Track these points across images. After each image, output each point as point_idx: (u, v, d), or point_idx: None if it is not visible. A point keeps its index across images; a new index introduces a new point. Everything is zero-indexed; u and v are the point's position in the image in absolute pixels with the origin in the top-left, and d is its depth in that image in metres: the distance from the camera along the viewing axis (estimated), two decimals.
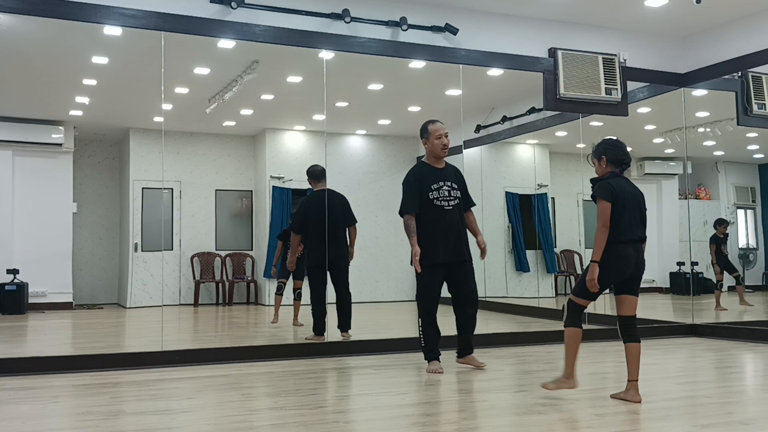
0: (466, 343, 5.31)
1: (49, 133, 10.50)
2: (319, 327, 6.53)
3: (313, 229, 6.61)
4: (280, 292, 7.93)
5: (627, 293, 4.11)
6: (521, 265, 9.78)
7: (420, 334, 5.18)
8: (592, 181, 4.21)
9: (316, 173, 6.84)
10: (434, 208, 5.15)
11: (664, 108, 8.37)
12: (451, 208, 5.20)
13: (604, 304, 4.46)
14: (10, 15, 5.76)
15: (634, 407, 3.87)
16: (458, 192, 5.28)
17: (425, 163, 5.34)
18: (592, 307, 4.25)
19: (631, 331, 4.08)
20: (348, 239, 6.75)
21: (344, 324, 6.63)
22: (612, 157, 4.15)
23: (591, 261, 4.03)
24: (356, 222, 6.82)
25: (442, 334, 5.24)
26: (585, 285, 4.07)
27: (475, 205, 5.48)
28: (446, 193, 5.20)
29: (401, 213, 5.18)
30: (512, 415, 3.81)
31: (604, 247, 3.99)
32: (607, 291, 4.24)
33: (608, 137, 4.28)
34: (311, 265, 6.64)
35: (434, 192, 5.17)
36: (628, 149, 4.25)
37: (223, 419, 3.73)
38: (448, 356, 5.98)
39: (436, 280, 5.14)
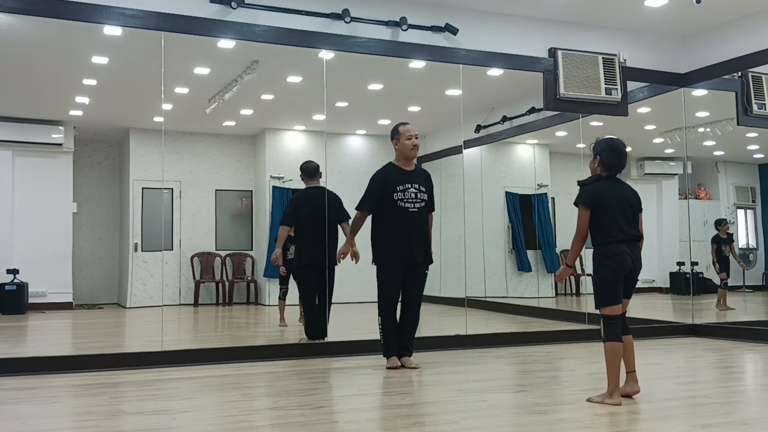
0: (402, 344, 5.33)
1: (49, 133, 10.50)
2: (312, 331, 6.32)
3: (304, 226, 6.39)
4: (283, 297, 7.85)
5: (623, 296, 4.12)
6: (522, 265, 9.78)
7: (380, 333, 5.29)
8: (579, 183, 4.22)
9: (309, 170, 6.59)
10: (398, 209, 5.20)
11: (664, 108, 8.37)
12: (416, 210, 5.25)
13: None
14: (10, 15, 5.76)
15: (634, 407, 3.87)
16: (425, 195, 5.32)
17: (394, 164, 5.41)
18: (592, 308, 4.25)
19: (623, 326, 4.11)
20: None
21: (324, 330, 6.37)
22: (606, 159, 4.15)
23: (565, 264, 4.17)
24: (349, 218, 6.50)
25: (445, 334, 5.31)
26: (601, 291, 4.07)
27: (434, 210, 5.48)
28: (412, 196, 5.25)
29: (357, 208, 5.33)
30: (512, 415, 3.81)
31: (578, 253, 4.11)
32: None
33: (612, 138, 4.24)
34: (301, 264, 6.39)
35: (399, 193, 5.23)
36: (628, 149, 4.24)
37: (223, 419, 3.73)
38: (448, 356, 5.98)
39: (396, 280, 5.23)
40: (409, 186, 5.26)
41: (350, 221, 5.37)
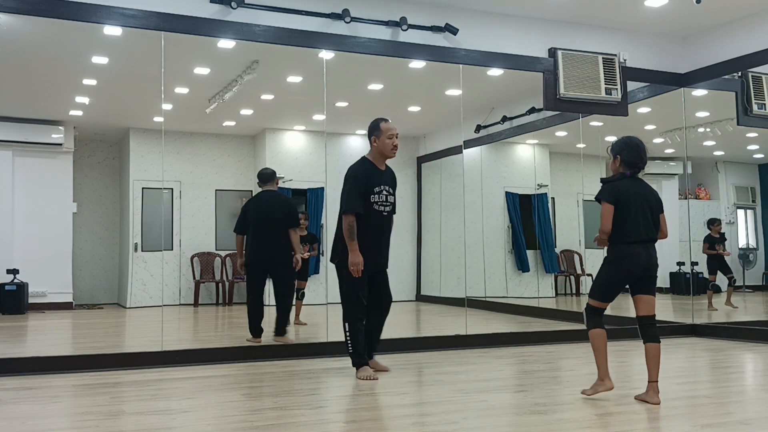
0: (372, 348, 5.13)
1: (49, 133, 10.49)
2: (253, 328, 6.43)
3: (251, 226, 6.50)
4: (301, 298, 7.89)
5: (642, 293, 4.10)
6: (522, 265, 9.78)
7: (347, 340, 4.88)
8: (602, 180, 4.20)
9: (264, 176, 6.75)
10: (373, 212, 4.91)
11: (664, 108, 8.37)
12: (386, 214, 5.01)
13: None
14: (10, 15, 5.76)
15: (634, 407, 3.87)
16: (393, 198, 5.06)
17: (370, 161, 5.05)
18: None
19: (650, 331, 4.06)
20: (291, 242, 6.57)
21: (279, 329, 6.45)
22: (627, 158, 4.13)
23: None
24: (298, 225, 6.66)
25: (445, 334, 5.22)
26: (599, 286, 4.10)
27: (395, 213, 5.20)
28: (384, 198, 4.97)
29: (345, 211, 4.84)
30: (512, 415, 3.81)
31: (606, 234, 4.06)
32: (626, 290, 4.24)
33: (631, 136, 4.22)
34: (246, 263, 6.49)
35: (376, 195, 4.92)
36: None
37: (223, 419, 3.73)
38: (448, 356, 5.98)
39: (365, 286, 4.93)
40: (383, 188, 4.97)
41: (345, 227, 4.85)
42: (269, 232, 6.43)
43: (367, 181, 4.92)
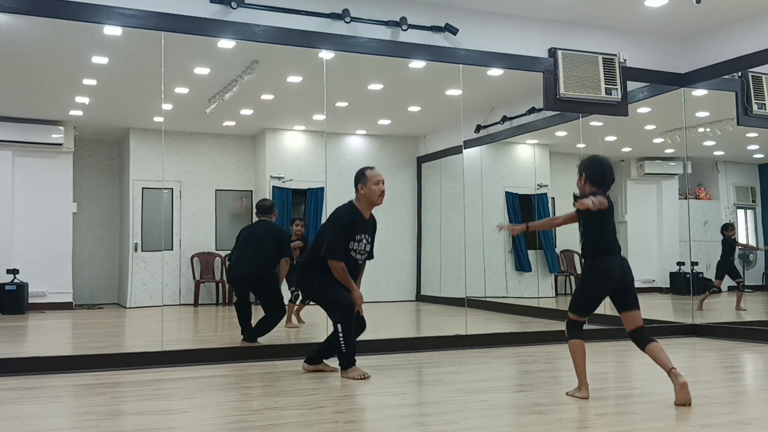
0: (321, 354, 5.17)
1: (49, 133, 10.49)
2: (243, 329, 6.57)
3: (237, 248, 6.66)
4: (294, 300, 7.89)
5: (627, 309, 4.09)
6: (522, 265, 9.78)
7: (341, 341, 4.89)
8: (575, 196, 4.13)
9: (262, 207, 6.83)
10: (349, 258, 4.99)
11: (664, 108, 8.37)
12: (361, 262, 5.13)
13: (604, 305, 4.49)
14: (10, 15, 5.76)
15: (634, 407, 3.87)
16: (371, 246, 5.17)
17: (356, 208, 5.09)
18: None
19: (643, 338, 4.06)
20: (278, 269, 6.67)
21: (250, 334, 6.46)
22: (592, 175, 4.07)
23: (526, 225, 4.23)
24: (289, 256, 6.76)
25: (445, 334, 5.22)
26: (578, 300, 4.15)
27: (373, 258, 5.27)
28: (362, 247, 5.06)
29: (330, 258, 4.93)
30: (512, 415, 3.82)
31: (545, 228, 4.15)
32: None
33: (596, 155, 4.20)
34: (227, 277, 6.74)
35: (355, 243, 5.01)
36: (627, 149, 4.22)
37: (223, 419, 3.73)
38: (448, 356, 5.98)
39: (341, 289, 5.02)
40: (364, 236, 5.06)
41: (336, 272, 4.94)
42: (253, 254, 6.50)
43: (351, 231, 4.99)
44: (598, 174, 4.06)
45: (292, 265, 7.39)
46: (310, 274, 5.06)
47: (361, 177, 5.11)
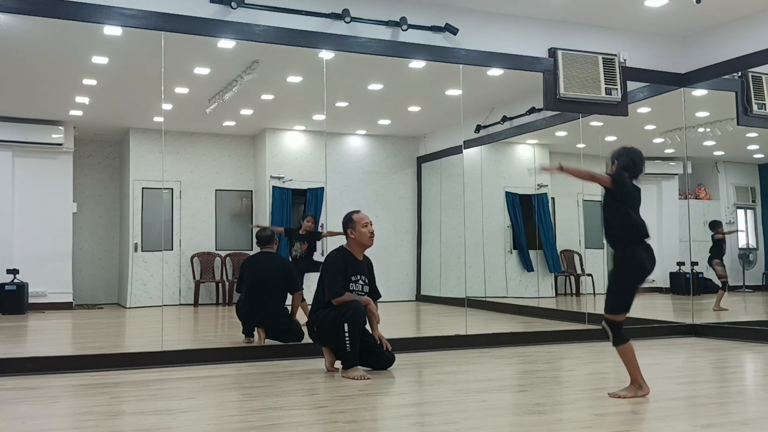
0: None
1: (49, 133, 10.49)
2: (245, 329, 6.57)
3: (245, 286, 6.59)
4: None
5: None
6: (527, 265, 9.79)
7: (347, 340, 4.90)
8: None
9: (262, 238, 6.77)
10: None
11: (664, 108, 8.37)
12: None
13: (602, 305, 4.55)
14: (10, 15, 5.76)
15: (634, 407, 3.87)
16: (368, 287, 5.25)
17: (348, 252, 5.19)
18: (592, 307, 4.26)
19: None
20: (292, 305, 6.67)
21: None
22: (623, 164, 4.15)
23: (561, 166, 4.16)
24: (300, 290, 6.74)
25: (445, 334, 5.22)
26: (617, 298, 4.05)
27: (381, 297, 5.36)
28: (360, 288, 5.15)
29: (331, 298, 5.01)
30: (512, 415, 3.82)
31: (576, 176, 4.18)
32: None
33: (629, 146, 4.27)
34: (238, 313, 6.60)
35: (352, 284, 5.11)
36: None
37: (223, 419, 3.73)
38: (448, 356, 5.98)
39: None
40: (360, 278, 5.16)
41: (340, 301, 4.99)
42: (263, 293, 6.45)
43: (345, 270, 5.09)
44: (627, 163, 4.14)
45: (298, 257, 7.40)
46: (315, 323, 5.16)
47: (349, 222, 5.21)
